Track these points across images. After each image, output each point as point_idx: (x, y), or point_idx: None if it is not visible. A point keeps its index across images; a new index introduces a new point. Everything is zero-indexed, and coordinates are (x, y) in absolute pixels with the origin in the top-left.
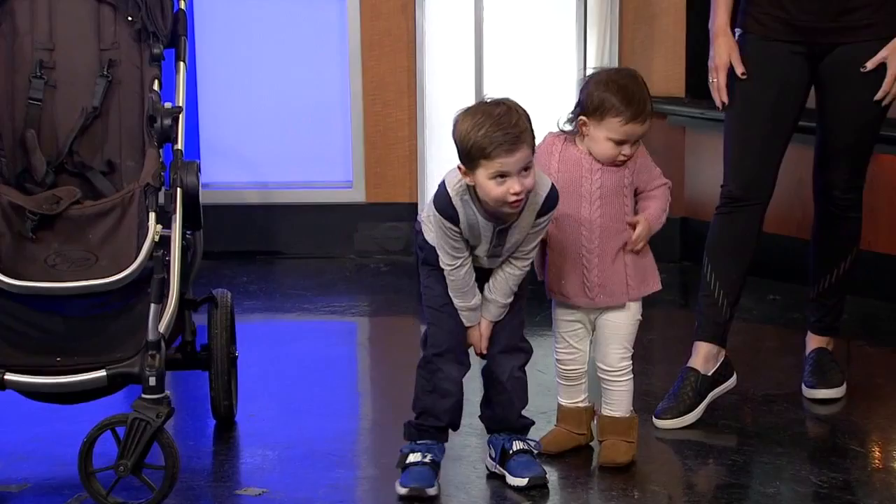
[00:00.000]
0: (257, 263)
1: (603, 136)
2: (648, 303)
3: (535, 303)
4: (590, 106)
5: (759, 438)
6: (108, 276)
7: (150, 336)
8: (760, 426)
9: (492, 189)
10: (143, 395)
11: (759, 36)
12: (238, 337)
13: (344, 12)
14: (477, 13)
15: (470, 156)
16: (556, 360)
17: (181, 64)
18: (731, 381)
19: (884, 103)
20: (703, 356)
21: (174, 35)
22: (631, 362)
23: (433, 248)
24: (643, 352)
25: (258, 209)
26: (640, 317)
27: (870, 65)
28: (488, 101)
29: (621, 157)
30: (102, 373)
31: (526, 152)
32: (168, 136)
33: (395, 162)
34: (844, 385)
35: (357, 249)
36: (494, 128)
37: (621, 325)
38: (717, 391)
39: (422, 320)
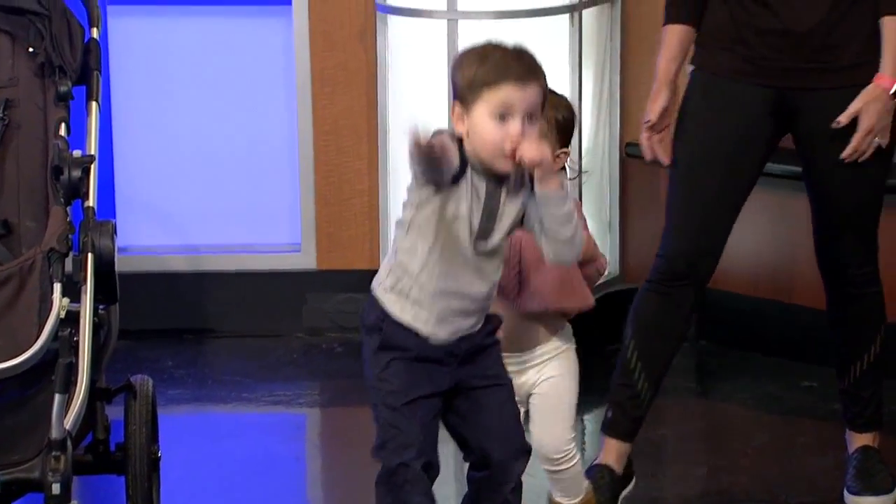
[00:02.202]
0: (185, 343)
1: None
2: (660, 392)
3: None
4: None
5: None
6: (2, 361)
7: (54, 433)
8: None
9: (490, 131)
10: None
11: (714, 73)
12: (161, 433)
13: (290, 41)
14: (450, 40)
15: (471, 86)
16: None
17: (93, 104)
18: (633, 482)
19: (846, 159)
20: (616, 454)
21: (85, 70)
22: (574, 435)
23: (397, 327)
24: (652, 450)
25: (186, 278)
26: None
27: (843, 119)
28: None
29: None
30: None
31: (537, 92)
32: (77, 191)
33: (352, 221)
34: (895, 491)
35: (306, 326)
36: (505, 58)
37: (563, 392)
38: (626, 493)
39: (375, 421)
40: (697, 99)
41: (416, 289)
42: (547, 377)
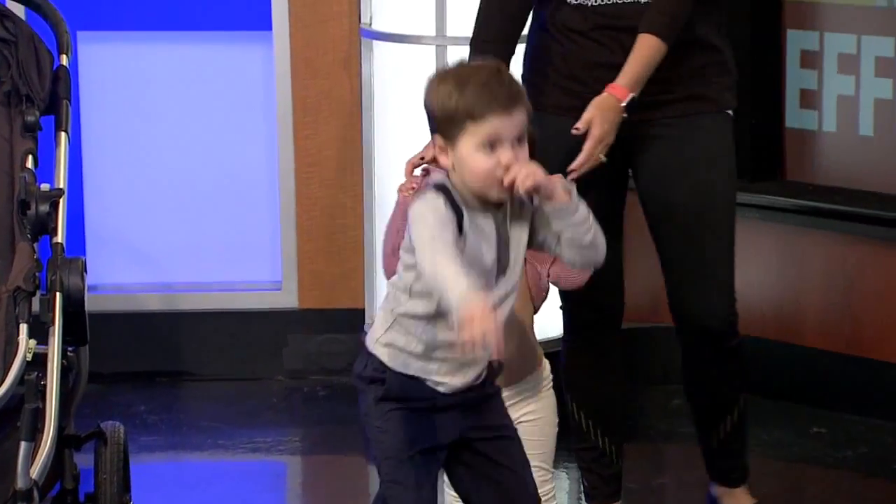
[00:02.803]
0: (159, 387)
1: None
2: (659, 437)
3: None
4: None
5: None
6: None
7: (20, 483)
8: None
9: (478, 163)
10: None
11: (544, 111)
12: (134, 483)
13: (271, 68)
14: (439, 67)
15: (453, 121)
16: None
17: (62, 134)
18: None
19: (574, 170)
20: None
21: (54, 98)
22: (554, 485)
23: (402, 377)
24: (652, 498)
25: (160, 318)
26: (557, 418)
27: (581, 125)
28: (465, 62)
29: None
30: None
31: (523, 116)
32: (45, 227)
33: (337, 257)
34: None
35: (287, 369)
36: (484, 85)
37: (537, 432)
38: None
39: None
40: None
41: (422, 346)
42: (530, 416)
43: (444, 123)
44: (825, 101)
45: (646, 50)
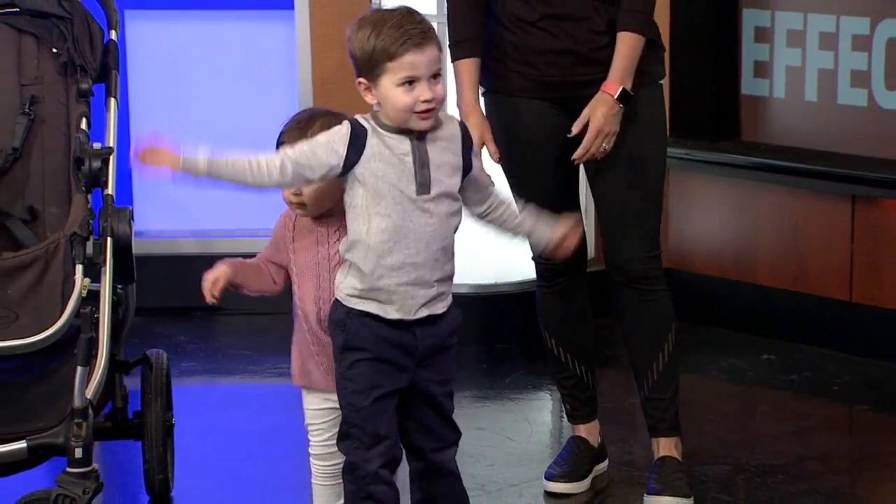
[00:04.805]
0: (196, 320)
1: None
2: (629, 364)
3: (506, 364)
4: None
5: None
6: (29, 336)
7: (77, 402)
8: (755, 500)
9: (399, 98)
10: (69, 469)
11: (506, 94)
12: (175, 402)
13: (293, 42)
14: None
15: (372, 61)
16: (312, 454)
17: (112, 100)
18: (606, 463)
19: (576, 162)
20: (586, 431)
21: (104, 68)
22: None
23: (362, 326)
24: (625, 417)
25: (197, 260)
26: None
27: (575, 128)
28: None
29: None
30: (23, 444)
31: (436, 52)
32: (97, 180)
33: None
34: (692, 499)
35: None
36: (398, 27)
37: None
38: (599, 468)
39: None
40: (496, 119)
41: (366, 278)
42: None
43: (366, 65)
44: (776, 71)
45: (626, 45)
